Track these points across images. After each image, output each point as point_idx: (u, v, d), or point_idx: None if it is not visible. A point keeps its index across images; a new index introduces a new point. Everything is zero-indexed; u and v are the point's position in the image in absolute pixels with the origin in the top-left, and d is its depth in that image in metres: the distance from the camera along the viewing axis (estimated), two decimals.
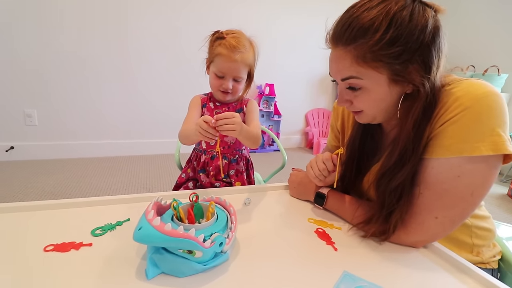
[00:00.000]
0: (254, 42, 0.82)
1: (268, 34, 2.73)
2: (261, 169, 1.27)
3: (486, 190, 0.47)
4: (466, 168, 0.46)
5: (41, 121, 2.25)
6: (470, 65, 2.73)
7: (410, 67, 0.47)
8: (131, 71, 2.41)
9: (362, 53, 0.46)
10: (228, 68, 0.78)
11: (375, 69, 0.47)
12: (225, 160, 0.88)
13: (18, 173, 1.99)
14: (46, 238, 0.50)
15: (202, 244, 0.41)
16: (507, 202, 2.09)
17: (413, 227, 0.51)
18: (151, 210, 0.44)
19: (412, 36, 0.44)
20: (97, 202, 0.64)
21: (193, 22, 2.45)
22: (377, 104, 0.52)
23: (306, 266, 0.48)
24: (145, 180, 2.03)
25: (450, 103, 0.47)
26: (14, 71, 2.10)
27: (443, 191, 0.48)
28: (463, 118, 0.45)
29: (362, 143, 0.65)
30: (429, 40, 0.45)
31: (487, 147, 0.44)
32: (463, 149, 0.45)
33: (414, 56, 0.46)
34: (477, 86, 0.46)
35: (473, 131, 0.45)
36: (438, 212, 0.49)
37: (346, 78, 0.51)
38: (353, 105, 0.55)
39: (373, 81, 0.49)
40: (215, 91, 0.84)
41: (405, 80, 0.48)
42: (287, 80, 3.02)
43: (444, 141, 0.47)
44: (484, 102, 0.45)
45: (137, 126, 2.54)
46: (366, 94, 0.51)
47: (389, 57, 0.46)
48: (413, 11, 0.45)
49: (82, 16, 2.17)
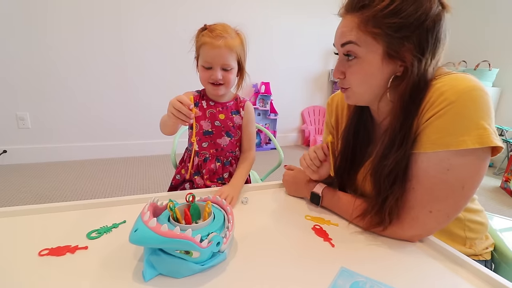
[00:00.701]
0: (241, 33, 0.80)
1: (263, 33, 2.72)
2: (258, 167, 1.27)
3: (477, 182, 0.48)
4: (454, 161, 0.46)
5: (34, 124, 2.22)
6: (462, 60, 2.76)
7: (406, 45, 0.48)
8: (125, 73, 2.38)
9: (366, 19, 0.49)
10: (213, 56, 0.74)
11: (374, 37, 0.49)
12: (218, 163, 0.86)
13: (11, 177, 1.96)
14: (41, 242, 0.49)
15: (199, 244, 0.41)
16: (500, 194, 2.13)
17: (408, 222, 0.52)
18: (147, 211, 0.43)
19: (414, 14, 0.46)
20: (92, 204, 0.63)
21: (189, 23, 2.43)
22: (368, 79, 0.53)
23: (304, 262, 0.48)
24: (141, 182, 2.02)
25: (435, 97, 0.48)
26: (6, 74, 2.06)
27: (434, 184, 0.48)
28: (449, 112, 0.46)
29: (356, 134, 0.66)
30: (429, 25, 0.47)
31: (473, 140, 0.44)
32: (449, 143, 0.46)
33: (412, 35, 0.47)
34: (461, 81, 0.47)
35: (458, 125, 0.46)
36: (431, 206, 0.49)
37: (346, 42, 0.52)
38: (345, 78, 0.56)
39: (369, 49, 0.50)
40: (206, 85, 0.80)
41: (398, 58, 0.49)
42: (282, 78, 3.02)
43: (431, 136, 0.48)
44: (468, 96, 0.45)
45: (132, 128, 2.52)
46: (360, 65, 0.52)
47: (389, 27, 0.48)
48: None
49: (75, 18, 2.14)
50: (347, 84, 0.56)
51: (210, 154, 0.85)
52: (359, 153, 0.66)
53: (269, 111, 3.00)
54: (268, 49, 2.81)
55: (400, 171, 0.52)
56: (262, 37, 2.72)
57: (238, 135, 0.87)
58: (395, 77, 0.52)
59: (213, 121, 0.83)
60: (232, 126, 0.84)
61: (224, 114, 0.84)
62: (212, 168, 0.85)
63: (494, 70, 2.55)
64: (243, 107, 0.87)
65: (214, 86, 0.78)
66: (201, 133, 0.83)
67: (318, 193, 0.66)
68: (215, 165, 0.85)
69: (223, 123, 0.83)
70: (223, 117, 0.83)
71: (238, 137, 0.87)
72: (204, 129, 0.83)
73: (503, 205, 1.96)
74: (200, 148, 0.85)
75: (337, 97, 0.76)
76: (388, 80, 0.52)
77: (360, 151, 0.66)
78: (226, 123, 0.84)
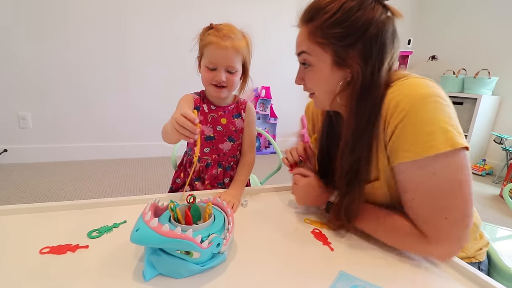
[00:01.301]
0: (247, 35, 0.77)
1: (264, 37, 2.74)
2: (258, 171, 1.27)
3: (469, 176, 0.47)
4: (436, 165, 0.46)
5: (35, 123, 2.22)
6: (462, 68, 2.78)
7: (351, 53, 0.51)
8: (126, 74, 2.40)
9: (314, 30, 0.52)
10: (219, 57, 0.72)
11: (321, 47, 0.52)
12: (220, 168, 0.84)
13: (11, 176, 1.96)
14: (42, 240, 0.49)
15: (200, 245, 0.41)
16: (499, 202, 2.13)
17: (434, 236, 0.48)
18: (148, 211, 0.44)
19: (357, 23, 0.49)
20: (94, 204, 0.63)
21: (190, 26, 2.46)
22: (322, 86, 0.57)
23: (303, 266, 0.48)
24: (141, 183, 2.01)
25: (392, 109, 0.48)
26: (8, 73, 2.08)
27: (429, 190, 0.48)
28: (408, 122, 0.46)
29: (328, 137, 0.68)
30: (372, 32, 0.49)
31: (443, 144, 0.44)
32: (421, 151, 0.46)
33: (356, 42, 0.50)
34: (413, 87, 0.48)
35: (422, 131, 0.46)
36: (443, 213, 0.47)
37: (300, 52, 0.56)
38: (305, 84, 0.60)
39: (319, 58, 0.54)
40: (208, 86, 0.77)
41: (345, 65, 0.52)
42: (283, 83, 3.03)
43: (402, 146, 0.48)
44: (421, 104, 0.46)
45: (132, 129, 2.52)
46: (313, 72, 0.56)
47: (334, 37, 0.51)
48: (364, 4, 0.49)
49: (78, 19, 2.16)
50: (308, 89, 0.60)
51: (212, 160, 0.83)
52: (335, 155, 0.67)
53: (269, 115, 3.01)
54: (269, 54, 2.83)
55: (353, 171, 0.54)
56: (263, 41, 2.74)
57: (240, 139, 0.86)
58: (347, 83, 0.53)
59: (215, 126, 0.81)
60: (234, 130, 0.83)
61: (226, 119, 0.82)
62: (213, 174, 0.84)
63: (493, 78, 2.57)
64: (244, 109, 0.85)
65: (216, 88, 0.76)
66: (202, 138, 0.81)
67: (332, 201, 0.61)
68: (216, 170, 0.84)
69: (225, 128, 0.82)
70: (225, 122, 0.82)
71: (240, 141, 0.86)
72: (206, 134, 0.81)
73: (502, 213, 1.96)
74: (201, 154, 0.83)
75: (312, 104, 0.78)
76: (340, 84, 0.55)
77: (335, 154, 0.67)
78: (228, 127, 0.82)
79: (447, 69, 2.92)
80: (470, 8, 2.90)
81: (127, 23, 2.30)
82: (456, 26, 3.02)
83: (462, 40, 2.97)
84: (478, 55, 2.82)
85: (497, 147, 2.62)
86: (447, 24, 3.10)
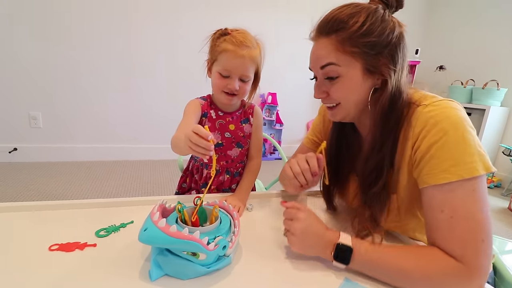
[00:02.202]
0: (260, 43, 0.77)
1: (271, 44, 2.76)
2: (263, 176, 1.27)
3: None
4: (475, 185, 0.45)
5: (45, 123, 2.27)
6: (470, 79, 2.76)
7: (381, 60, 0.52)
8: (136, 76, 2.44)
9: (342, 40, 0.52)
10: (235, 65, 0.71)
11: (352, 56, 0.52)
12: (227, 175, 0.83)
13: (20, 174, 2.00)
14: (51, 237, 0.50)
15: (206, 246, 0.41)
16: (508, 215, 2.08)
17: (472, 261, 0.44)
18: (156, 212, 0.45)
19: (383, 32, 0.51)
20: (102, 204, 0.64)
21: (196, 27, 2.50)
22: (351, 95, 0.56)
23: (307, 272, 0.48)
24: (146, 186, 2.03)
25: (430, 127, 0.49)
26: (20, 74, 2.13)
27: (470, 208, 0.45)
28: (448, 142, 0.47)
29: (338, 148, 0.67)
30: (396, 41, 0.52)
31: (482, 167, 0.45)
32: (464, 173, 0.45)
33: (384, 50, 0.52)
34: (452, 110, 0.49)
35: (464, 154, 0.46)
36: (480, 234, 0.44)
37: (326, 64, 0.54)
38: (329, 97, 0.58)
39: (349, 68, 0.53)
40: (219, 94, 0.75)
41: (376, 71, 0.53)
42: (289, 89, 3.05)
43: (439, 167, 0.47)
44: (463, 128, 0.47)
45: (141, 131, 2.56)
46: (342, 83, 0.55)
47: (365, 46, 0.51)
48: (384, 15, 0.53)
49: (87, 20, 2.21)
50: (333, 101, 0.58)
51: (220, 167, 0.83)
52: (345, 166, 0.67)
53: (275, 121, 3.02)
54: (275, 60, 2.85)
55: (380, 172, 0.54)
56: (269, 47, 2.74)
57: (248, 144, 0.85)
58: (374, 90, 0.55)
59: (223, 133, 0.80)
60: (243, 136, 0.83)
61: (234, 125, 0.81)
62: (220, 180, 0.83)
63: (502, 89, 2.54)
64: (252, 113, 0.84)
65: (228, 95, 0.74)
66: None
67: (348, 244, 0.48)
68: (223, 177, 0.83)
69: (233, 134, 0.81)
70: (233, 128, 0.81)
71: (247, 146, 0.85)
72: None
73: (511, 226, 1.91)
74: (209, 160, 0.81)
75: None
76: (368, 94, 0.56)
77: (345, 166, 0.67)
78: (237, 133, 0.82)
79: (455, 79, 2.90)
80: (479, 18, 2.89)
81: (135, 23, 2.34)
82: (465, 36, 3.01)
83: (470, 50, 2.96)
84: (487, 66, 2.80)
85: (506, 159, 2.57)
86: (455, 34, 3.09)
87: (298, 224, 0.50)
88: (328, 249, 0.48)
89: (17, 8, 2.03)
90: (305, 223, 0.50)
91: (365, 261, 0.47)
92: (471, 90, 2.72)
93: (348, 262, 0.47)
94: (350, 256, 0.47)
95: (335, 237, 0.49)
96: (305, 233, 0.50)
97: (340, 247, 0.47)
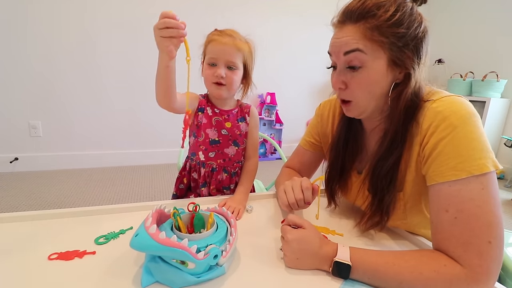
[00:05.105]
0: (250, 41, 0.79)
1: (269, 44, 2.77)
2: (263, 177, 1.27)
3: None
4: (484, 182, 0.44)
5: (45, 132, 2.28)
6: (469, 71, 2.75)
7: (407, 53, 0.51)
8: (134, 83, 2.44)
9: (371, 28, 0.50)
10: (219, 51, 0.73)
11: (380, 45, 0.50)
12: (225, 174, 0.84)
13: (21, 184, 2.00)
14: (51, 246, 0.50)
15: (195, 255, 0.40)
16: (511, 207, 2.07)
17: (476, 263, 0.42)
18: (150, 217, 0.44)
19: (412, 25, 0.50)
20: (101, 211, 0.64)
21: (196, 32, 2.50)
22: (372, 88, 0.53)
23: (308, 272, 0.48)
24: (147, 190, 2.03)
25: (438, 122, 0.48)
26: (20, 83, 2.14)
27: (477, 208, 0.43)
28: (456, 138, 0.45)
29: (345, 144, 0.66)
30: (422, 35, 0.51)
31: (491, 164, 0.44)
32: (473, 170, 0.44)
33: (411, 43, 0.50)
34: (460, 105, 0.48)
35: (474, 150, 0.45)
36: (488, 235, 0.42)
37: (352, 50, 0.51)
38: (347, 89, 0.55)
39: (375, 58, 0.51)
40: (209, 86, 0.77)
41: (401, 64, 0.51)
42: (288, 89, 3.05)
43: (447, 163, 0.46)
44: (471, 122, 0.46)
45: (140, 137, 2.56)
46: (365, 74, 0.52)
47: (393, 36, 0.50)
48: (412, 8, 0.51)
49: (87, 28, 2.22)
50: (349, 96, 0.56)
51: (217, 165, 0.83)
52: (348, 162, 0.67)
53: (274, 121, 3.02)
54: (274, 60, 2.85)
55: (396, 171, 0.55)
56: (268, 47, 2.77)
57: (244, 144, 0.86)
58: (395, 85, 0.54)
59: (219, 130, 0.81)
60: (239, 135, 0.83)
61: (230, 122, 0.82)
62: (219, 179, 0.83)
63: (502, 81, 2.53)
64: (248, 113, 0.85)
65: (217, 85, 0.76)
66: (207, 142, 0.81)
67: (346, 261, 0.46)
68: (222, 175, 0.84)
69: (230, 131, 0.82)
70: (229, 125, 0.82)
71: (244, 145, 0.86)
72: (211, 138, 0.80)
73: None
74: (206, 158, 0.82)
75: (326, 105, 0.77)
76: (389, 88, 0.54)
77: (349, 161, 0.67)
78: (233, 131, 0.82)
79: (454, 72, 2.89)
80: (476, 10, 2.88)
81: (132, 31, 2.35)
82: (462, 29, 3.00)
83: (468, 42, 2.94)
84: (486, 58, 2.79)
85: (508, 150, 2.55)
86: (453, 27, 3.08)
87: (286, 246, 0.49)
88: (325, 264, 0.48)
89: (15, 16, 2.04)
90: (293, 244, 0.48)
91: (365, 275, 0.45)
92: (471, 82, 2.71)
93: (347, 277, 0.46)
94: (348, 273, 0.46)
95: (332, 252, 0.47)
96: (295, 253, 0.48)
97: (338, 265, 0.46)
